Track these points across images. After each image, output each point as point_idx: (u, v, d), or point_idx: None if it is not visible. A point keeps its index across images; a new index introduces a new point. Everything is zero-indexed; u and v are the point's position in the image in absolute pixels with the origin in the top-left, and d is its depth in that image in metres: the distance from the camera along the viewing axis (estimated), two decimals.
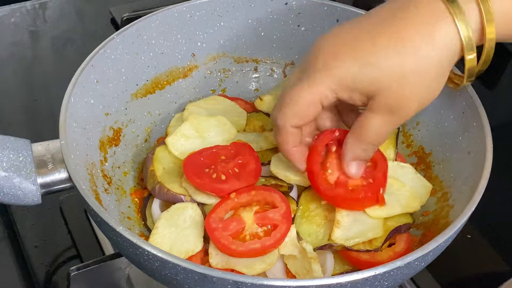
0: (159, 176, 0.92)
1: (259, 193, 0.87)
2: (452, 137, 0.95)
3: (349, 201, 0.85)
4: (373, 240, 0.86)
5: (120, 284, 0.97)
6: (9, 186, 0.80)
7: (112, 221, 0.74)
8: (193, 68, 1.08)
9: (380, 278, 0.71)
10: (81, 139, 0.88)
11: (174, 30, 1.04)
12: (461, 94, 0.93)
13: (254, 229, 0.85)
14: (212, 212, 0.86)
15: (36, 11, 1.48)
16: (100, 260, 0.95)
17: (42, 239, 1.07)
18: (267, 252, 0.83)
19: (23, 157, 0.82)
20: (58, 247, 1.06)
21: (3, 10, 1.46)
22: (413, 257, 0.72)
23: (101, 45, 0.95)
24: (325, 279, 0.70)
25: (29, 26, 1.45)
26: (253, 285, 0.69)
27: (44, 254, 1.04)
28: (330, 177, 0.86)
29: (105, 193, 0.89)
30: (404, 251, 0.85)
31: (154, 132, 1.04)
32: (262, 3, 1.07)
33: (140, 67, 1.02)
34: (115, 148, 0.97)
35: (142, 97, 1.03)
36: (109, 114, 0.97)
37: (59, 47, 1.42)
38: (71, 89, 0.88)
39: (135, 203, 0.95)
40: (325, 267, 0.84)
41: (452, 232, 0.76)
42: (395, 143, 0.96)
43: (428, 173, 0.97)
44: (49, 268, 1.03)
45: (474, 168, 0.86)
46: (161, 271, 0.73)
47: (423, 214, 0.92)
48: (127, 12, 1.41)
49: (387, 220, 0.89)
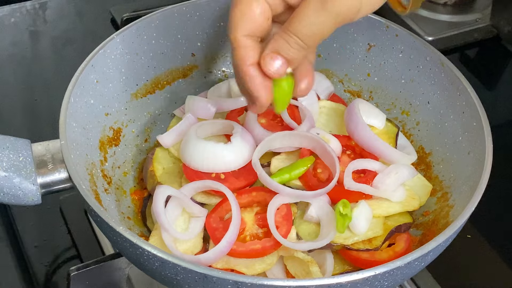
0: (159, 176, 0.92)
1: (260, 194, 0.87)
2: (452, 137, 0.95)
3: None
4: (373, 239, 0.86)
5: (120, 284, 0.97)
6: (9, 186, 0.80)
7: (112, 221, 0.74)
8: (193, 68, 1.08)
9: (380, 278, 0.71)
10: (81, 139, 0.88)
11: (174, 30, 1.04)
12: (461, 94, 0.93)
13: (254, 229, 0.85)
14: (212, 212, 0.86)
15: (36, 11, 1.48)
16: (100, 260, 0.95)
17: (42, 239, 1.07)
18: (267, 253, 0.83)
19: (23, 157, 0.82)
20: (58, 247, 1.06)
21: (3, 10, 1.46)
22: (413, 257, 0.72)
23: (101, 45, 0.95)
24: (325, 279, 0.70)
25: (29, 26, 1.45)
26: (253, 285, 0.69)
27: (44, 254, 1.04)
28: (321, 175, 0.88)
29: (105, 193, 0.89)
30: (404, 251, 0.85)
31: (154, 132, 1.04)
32: None
33: (140, 67, 1.02)
34: (115, 148, 0.97)
35: (142, 97, 1.03)
36: (109, 114, 0.97)
37: (59, 47, 1.43)
38: (71, 89, 0.88)
39: (135, 203, 0.95)
40: (325, 267, 0.84)
41: (452, 232, 0.76)
42: (395, 143, 0.96)
43: (428, 173, 0.97)
44: (49, 268, 1.03)
45: (474, 168, 0.86)
46: (161, 271, 0.73)
47: (423, 214, 0.92)
48: (127, 12, 1.41)
49: (387, 219, 0.89)
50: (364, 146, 0.92)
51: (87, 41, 1.43)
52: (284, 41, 0.73)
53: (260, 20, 0.75)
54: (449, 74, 0.96)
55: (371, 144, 0.91)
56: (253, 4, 0.74)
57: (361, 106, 0.95)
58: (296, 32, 0.72)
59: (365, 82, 1.08)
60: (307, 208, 0.86)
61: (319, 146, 0.89)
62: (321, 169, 0.90)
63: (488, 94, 1.37)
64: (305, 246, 0.82)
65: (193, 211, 0.85)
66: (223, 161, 0.88)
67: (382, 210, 0.88)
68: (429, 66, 0.99)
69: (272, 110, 0.99)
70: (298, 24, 0.72)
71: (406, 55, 1.02)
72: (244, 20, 0.74)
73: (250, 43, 0.75)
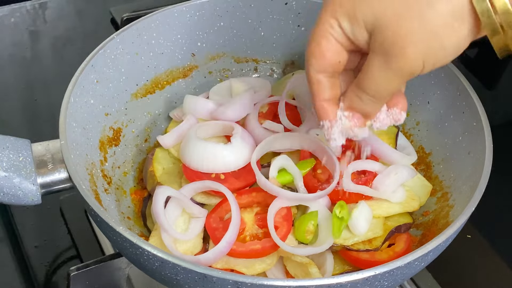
0: (158, 176, 0.92)
1: (259, 195, 0.87)
2: (452, 137, 0.95)
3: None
4: (373, 239, 0.86)
5: (120, 284, 0.97)
6: (9, 186, 0.80)
7: (112, 221, 0.74)
8: (193, 68, 1.08)
9: (380, 278, 0.71)
10: (81, 139, 0.88)
11: (174, 30, 1.04)
12: (461, 94, 0.93)
13: (254, 230, 0.85)
14: (212, 212, 0.86)
15: (36, 11, 1.48)
16: (100, 260, 0.95)
17: (42, 239, 1.07)
18: (267, 254, 0.83)
19: (23, 157, 0.82)
20: (58, 247, 1.06)
21: (3, 10, 1.46)
22: (413, 257, 0.72)
23: (101, 45, 0.95)
24: (325, 279, 0.70)
25: (29, 26, 1.45)
26: (253, 285, 0.69)
27: (44, 254, 1.04)
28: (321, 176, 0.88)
29: (105, 193, 0.89)
30: (404, 251, 0.85)
31: (154, 132, 1.04)
32: (262, 3, 1.07)
33: (140, 67, 1.02)
34: (115, 148, 0.97)
35: (142, 97, 1.03)
36: (109, 114, 0.97)
37: (59, 47, 1.42)
38: (71, 89, 0.88)
39: (135, 203, 0.95)
40: (325, 267, 0.84)
41: (452, 232, 0.76)
42: (395, 144, 0.96)
43: (428, 173, 0.97)
44: (49, 268, 1.03)
45: (474, 168, 0.86)
46: (161, 271, 0.73)
47: (423, 214, 0.92)
48: (127, 12, 1.41)
49: (387, 219, 0.89)
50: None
51: (87, 41, 1.43)
52: (357, 98, 0.76)
53: (331, 60, 0.75)
54: (449, 74, 0.96)
55: (370, 144, 0.91)
56: (323, 44, 0.75)
57: None
58: (365, 89, 0.74)
59: None
60: (307, 210, 0.86)
61: (319, 148, 0.89)
62: (321, 170, 0.90)
63: (488, 94, 1.36)
64: (304, 251, 0.82)
65: (193, 211, 0.85)
66: (223, 162, 0.88)
67: (382, 211, 0.88)
68: None
69: (272, 110, 0.99)
70: (367, 81, 0.74)
71: None
72: (314, 58, 0.75)
73: (324, 80, 0.77)
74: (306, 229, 0.84)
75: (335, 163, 0.87)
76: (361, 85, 0.74)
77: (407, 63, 0.70)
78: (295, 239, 0.85)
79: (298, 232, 0.84)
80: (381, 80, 0.73)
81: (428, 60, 0.70)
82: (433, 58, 0.70)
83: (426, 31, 0.69)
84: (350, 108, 0.77)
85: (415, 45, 0.69)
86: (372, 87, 0.74)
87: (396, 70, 0.71)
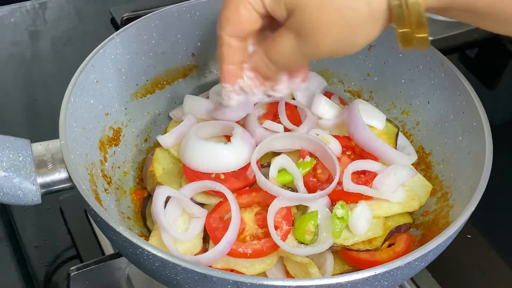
0: (158, 176, 0.92)
1: (259, 195, 0.87)
2: (452, 137, 0.95)
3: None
4: (373, 239, 0.86)
5: (120, 284, 0.97)
6: (9, 186, 0.80)
7: (112, 221, 0.74)
8: (193, 68, 1.08)
9: (380, 278, 0.71)
10: (81, 139, 0.88)
11: (174, 30, 1.04)
12: (461, 94, 0.93)
13: (254, 230, 0.85)
14: (212, 212, 0.86)
15: (36, 11, 1.48)
16: (100, 260, 0.95)
17: (42, 239, 1.07)
18: (267, 254, 0.83)
19: (23, 157, 0.82)
20: (58, 247, 1.06)
21: (3, 10, 1.46)
22: (413, 257, 0.72)
23: (101, 45, 0.95)
24: (325, 279, 0.70)
25: (29, 26, 1.45)
26: (253, 285, 0.69)
27: (44, 254, 1.04)
28: (321, 176, 0.88)
29: (105, 193, 0.89)
30: (404, 251, 0.85)
31: (154, 132, 1.04)
32: None
33: (140, 67, 1.02)
34: (115, 148, 0.97)
35: (142, 97, 1.03)
36: (109, 114, 0.97)
37: (59, 47, 1.42)
38: (71, 89, 0.88)
39: (135, 203, 0.95)
40: (325, 267, 0.84)
41: (452, 232, 0.76)
42: (395, 144, 0.96)
43: (428, 173, 0.97)
44: (49, 268, 1.03)
45: (474, 168, 0.86)
46: (161, 271, 0.73)
47: (423, 214, 0.92)
48: (127, 12, 1.41)
49: (387, 219, 0.89)
50: (364, 147, 0.92)
51: (87, 41, 1.43)
52: (263, 63, 0.80)
53: (245, 26, 0.79)
54: (449, 74, 0.96)
55: (370, 145, 0.91)
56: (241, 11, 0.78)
57: (361, 106, 0.95)
58: (271, 57, 0.79)
59: (365, 82, 1.08)
60: (307, 210, 0.86)
61: (319, 148, 0.89)
62: (321, 170, 0.90)
63: (488, 94, 1.36)
64: (304, 251, 0.82)
65: (193, 211, 0.85)
66: (223, 162, 0.88)
67: (382, 211, 0.88)
68: (429, 66, 0.99)
69: (272, 111, 0.99)
70: (274, 53, 0.78)
71: (406, 55, 1.02)
72: (229, 23, 0.79)
73: (234, 44, 0.80)
74: (306, 229, 0.84)
75: (335, 163, 0.87)
76: (268, 53, 0.79)
77: (318, 50, 0.74)
78: (295, 239, 0.85)
79: (298, 232, 0.84)
80: (288, 56, 0.77)
81: (337, 51, 0.75)
82: (343, 50, 0.75)
83: (344, 26, 0.72)
84: (254, 70, 0.81)
85: (331, 37, 0.73)
86: (279, 59, 0.78)
87: (306, 53, 0.76)
